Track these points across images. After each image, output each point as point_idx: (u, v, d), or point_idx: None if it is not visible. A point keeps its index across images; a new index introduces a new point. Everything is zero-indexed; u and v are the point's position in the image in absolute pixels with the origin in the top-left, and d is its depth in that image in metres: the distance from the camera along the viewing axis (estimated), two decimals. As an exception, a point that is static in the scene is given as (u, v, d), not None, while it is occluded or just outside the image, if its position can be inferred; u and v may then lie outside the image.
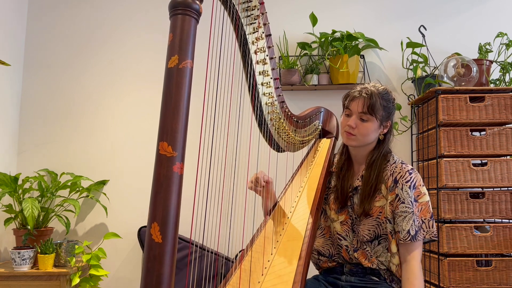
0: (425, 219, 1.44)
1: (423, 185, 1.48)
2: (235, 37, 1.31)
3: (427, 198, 1.46)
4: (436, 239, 1.46)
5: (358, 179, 1.55)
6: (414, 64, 2.77)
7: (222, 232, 2.40)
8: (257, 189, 1.62)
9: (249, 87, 1.42)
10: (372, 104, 1.47)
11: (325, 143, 1.86)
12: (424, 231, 1.43)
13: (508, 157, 2.56)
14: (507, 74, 2.71)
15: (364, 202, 1.48)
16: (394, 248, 1.45)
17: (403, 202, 1.44)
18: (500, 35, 2.71)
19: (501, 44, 2.77)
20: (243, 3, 1.29)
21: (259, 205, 1.76)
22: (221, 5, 1.20)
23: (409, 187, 1.44)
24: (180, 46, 0.90)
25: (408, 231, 1.41)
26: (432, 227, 1.44)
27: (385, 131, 1.54)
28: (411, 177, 1.46)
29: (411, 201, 1.43)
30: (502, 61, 2.74)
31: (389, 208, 1.45)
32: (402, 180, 1.45)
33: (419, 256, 1.42)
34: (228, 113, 1.33)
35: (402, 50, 2.83)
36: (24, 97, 3.01)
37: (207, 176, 1.19)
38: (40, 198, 2.68)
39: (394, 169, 1.49)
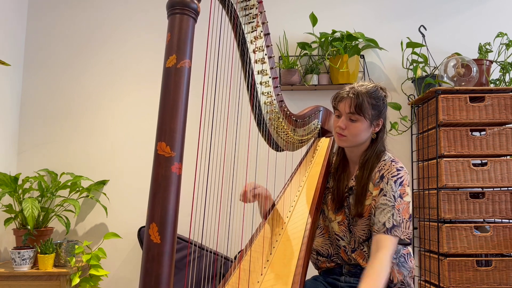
0: (404, 219, 1.39)
1: (409, 186, 1.45)
2: (233, 36, 1.31)
3: (409, 199, 1.43)
4: (409, 242, 1.41)
5: (352, 179, 1.54)
6: (414, 64, 2.77)
7: (221, 232, 2.40)
8: (249, 200, 1.58)
9: (247, 86, 1.42)
10: (359, 103, 1.45)
11: (324, 142, 1.86)
12: (400, 229, 1.37)
13: (508, 157, 2.55)
14: (507, 74, 2.70)
15: (358, 203, 1.46)
16: None
17: (384, 195, 1.41)
18: (500, 35, 2.71)
19: (501, 44, 2.77)
20: (241, 1, 1.29)
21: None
22: (219, 4, 1.20)
23: (394, 182, 1.41)
24: (178, 45, 0.90)
25: (384, 224, 1.37)
26: (408, 229, 1.39)
27: (377, 129, 1.53)
28: (398, 173, 1.43)
29: (394, 196, 1.40)
30: (502, 61, 2.73)
31: (373, 203, 1.44)
32: (389, 175, 1.43)
33: (389, 252, 1.33)
34: (226, 113, 1.33)
35: (402, 50, 2.83)
36: (24, 97, 3.02)
37: (206, 176, 1.19)
38: (40, 198, 2.68)
39: (383, 166, 1.47)
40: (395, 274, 1.47)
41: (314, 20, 2.85)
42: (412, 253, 1.53)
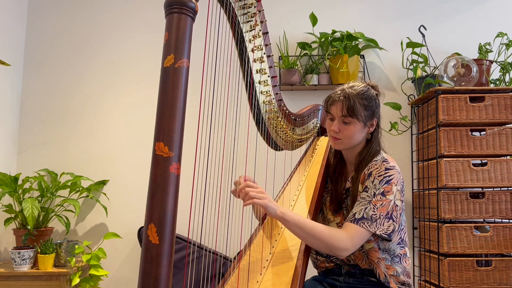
0: (381, 214, 1.35)
1: (397, 185, 1.40)
2: (231, 35, 1.30)
3: (392, 197, 1.38)
4: (388, 238, 1.36)
5: (349, 180, 1.54)
6: (414, 64, 2.77)
7: (221, 232, 2.40)
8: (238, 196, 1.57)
9: (246, 86, 1.42)
10: (350, 106, 1.44)
11: (324, 141, 1.86)
12: (373, 224, 1.34)
13: (508, 157, 2.55)
14: (507, 74, 2.70)
15: (354, 204, 1.45)
16: (366, 245, 1.44)
17: (366, 191, 1.40)
18: (500, 35, 2.70)
19: (501, 44, 2.76)
20: (240, 0, 1.28)
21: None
22: (217, 3, 1.20)
23: (380, 181, 1.39)
24: (176, 45, 0.90)
25: (354, 214, 1.36)
26: (382, 225, 1.35)
27: (372, 129, 1.52)
28: (386, 172, 1.40)
29: (374, 192, 1.38)
30: (502, 61, 2.73)
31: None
32: (376, 174, 1.41)
33: (348, 236, 1.32)
34: (225, 112, 1.33)
35: (402, 50, 2.82)
36: (24, 97, 3.02)
37: (205, 176, 1.19)
38: (40, 198, 2.68)
39: (374, 165, 1.45)
40: (382, 270, 1.45)
41: (314, 20, 2.84)
42: (408, 254, 1.52)
